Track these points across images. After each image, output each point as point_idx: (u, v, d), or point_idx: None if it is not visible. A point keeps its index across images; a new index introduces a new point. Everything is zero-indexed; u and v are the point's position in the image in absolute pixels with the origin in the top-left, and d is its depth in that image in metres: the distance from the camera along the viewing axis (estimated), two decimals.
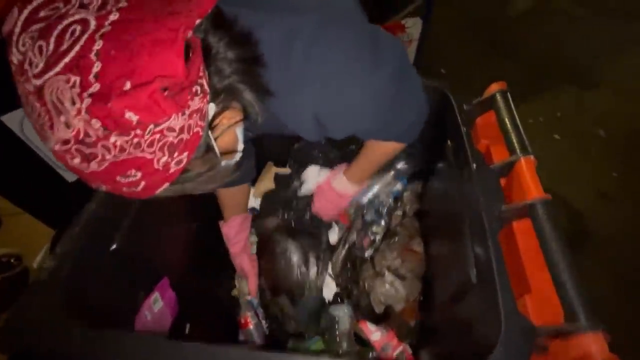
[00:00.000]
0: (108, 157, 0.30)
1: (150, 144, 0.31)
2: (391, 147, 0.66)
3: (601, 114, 1.90)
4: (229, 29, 0.39)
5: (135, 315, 0.61)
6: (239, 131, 0.45)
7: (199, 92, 0.33)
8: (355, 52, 0.46)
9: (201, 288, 0.84)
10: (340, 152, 0.91)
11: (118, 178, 0.32)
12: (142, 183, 0.33)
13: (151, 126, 0.30)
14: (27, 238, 1.38)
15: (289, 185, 0.91)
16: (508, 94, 0.63)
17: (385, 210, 0.83)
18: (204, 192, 0.43)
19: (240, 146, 0.46)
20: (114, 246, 0.56)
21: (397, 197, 0.88)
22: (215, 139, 0.39)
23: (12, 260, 1.39)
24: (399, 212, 0.86)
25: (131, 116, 0.29)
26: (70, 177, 1.10)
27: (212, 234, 0.84)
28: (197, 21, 0.33)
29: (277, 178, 0.95)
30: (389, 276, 0.74)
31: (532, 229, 0.48)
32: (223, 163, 0.42)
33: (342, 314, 0.74)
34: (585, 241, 1.48)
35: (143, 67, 0.29)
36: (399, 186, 0.88)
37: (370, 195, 0.86)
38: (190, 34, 0.32)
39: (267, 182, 0.97)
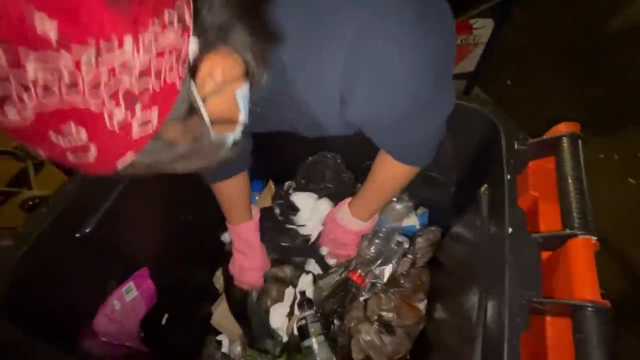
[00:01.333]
0: (29, 101, 0.21)
1: (94, 86, 0.22)
2: (402, 171, 0.57)
3: None
4: None
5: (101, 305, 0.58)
6: (239, 95, 0.34)
7: (174, 21, 0.24)
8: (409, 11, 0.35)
9: (182, 279, 0.80)
10: (355, 173, 0.80)
11: (53, 137, 0.23)
12: (93, 149, 0.24)
13: (90, 52, 0.21)
14: None
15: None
16: (579, 141, 0.48)
17: (396, 256, 0.72)
18: (186, 172, 0.34)
19: (242, 116, 0.35)
20: (86, 231, 0.53)
21: (411, 237, 0.76)
22: (204, 100, 0.29)
23: None
24: (408, 259, 0.74)
25: (45, 23, 0.19)
26: None
27: (199, 224, 0.79)
28: None
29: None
30: (377, 326, 0.64)
31: (571, 335, 0.35)
32: (213, 135, 0.32)
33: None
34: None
35: None
36: (416, 222, 0.76)
37: (386, 227, 0.75)
38: None
39: (266, 203, 0.89)
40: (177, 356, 0.77)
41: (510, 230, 0.41)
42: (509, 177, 0.46)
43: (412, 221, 0.80)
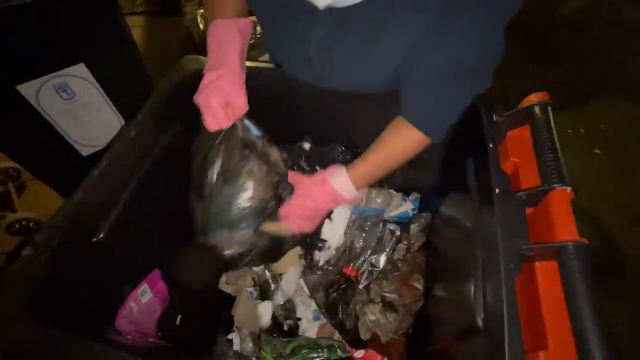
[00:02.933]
0: None
1: None
2: (412, 142, 0.57)
3: None
4: None
5: (120, 307, 0.60)
6: None
7: None
8: None
9: (192, 281, 0.82)
10: None
11: None
12: None
13: None
14: (48, 203, 1.43)
15: None
16: (549, 107, 0.54)
17: (390, 244, 0.76)
18: None
19: None
20: (100, 237, 0.54)
21: (406, 223, 0.80)
22: None
23: (31, 225, 1.45)
24: (403, 245, 0.78)
25: None
26: (84, 151, 1.11)
27: None
28: None
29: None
30: (381, 306, 0.68)
31: (559, 275, 0.41)
32: None
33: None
34: (614, 269, 1.35)
35: None
36: (409, 207, 0.80)
37: (370, 218, 0.78)
38: None
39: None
40: (193, 354, 0.79)
41: (497, 191, 0.46)
42: (490, 145, 0.52)
43: (407, 207, 0.83)
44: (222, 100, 0.57)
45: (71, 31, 0.88)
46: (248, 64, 0.67)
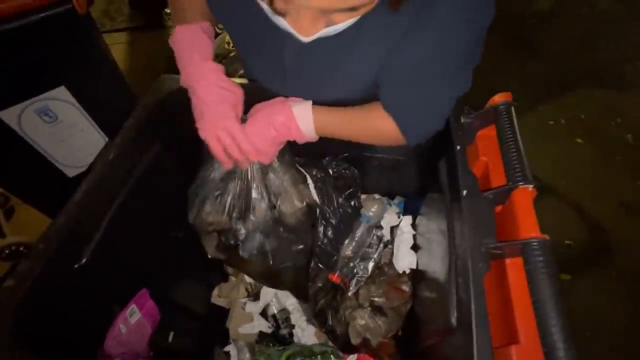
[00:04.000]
0: None
1: None
2: (387, 130, 0.55)
3: (630, 119, 1.75)
4: None
5: (108, 329, 0.60)
6: None
7: None
8: None
9: (183, 297, 0.83)
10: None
11: None
12: None
13: None
14: (38, 226, 1.43)
15: None
16: (512, 108, 0.56)
17: (377, 251, 0.77)
18: None
19: None
20: (83, 261, 0.55)
21: (391, 228, 0.82)
22: None
23: (21, 249, 1.44)
24: (389, 249, 0.80)
25: None
26: (71, 172, 1.11)
27: (189, 240, 0.81)
28: None
29: None
30: (370, 310, 0.70)
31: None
32: None
33: None
34: (604, 254, 1.38)
35: None
36: (394, 212, 0.82)
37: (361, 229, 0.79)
38: None
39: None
40: None
41: (464, 192, 0.48)
42: (458, 147, 0.53)
43: (392, 211, 0.84)
44: (238, 120, 0.56)
45: (49, 55, 0.89)
46: None
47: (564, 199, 1.49)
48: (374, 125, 0.57)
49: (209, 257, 0.76)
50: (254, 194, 0.66)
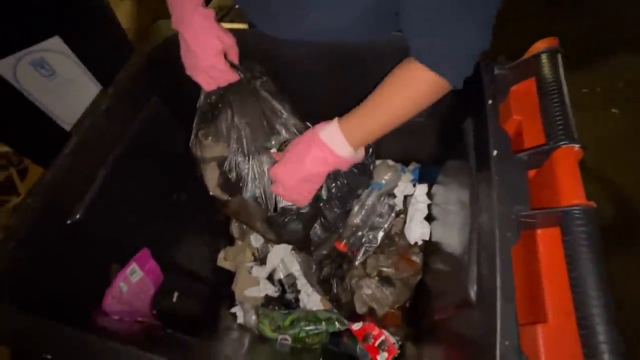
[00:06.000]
0: None
1: None
2: (424, 86, 0.45)
3: None
4: None
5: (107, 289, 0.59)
6: None
7: None
8: None
9: (188, 259, 0.81)
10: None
11: None
12: None
13: None
14: None
15: None
16: (559, 55, 0.47)
17: (388, 220, 0.71)
18: None
19: None
20: (76, 218, 0.52)
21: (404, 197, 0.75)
22: None
23: None
24: (401, 219, 0.74)
25: None
26: (69, 127, 1.08)
27: (194, 204, 0.78)
28: None
29: None
30: (377, 280, 0.66)
31: (561, 244, 0.37)
32: None
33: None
34: (636, 233, 1.29)
35: None
36: (408, 179, 0.75)
37: (372, 196, 0.73)
38: None
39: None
40: (191, 330, 0.80)
41: (495, 152, 0.41)
42: (490, 101, 0.46)
43: (406, 178, 0.78)
44: (220, 53, 0.55)
45: (42, 3, 0.82)
46: (223, 25, 0.62)
47: (594, 173, 1.38)
48: (413, 92, 0.46)
49: (210, 194, 0.71)
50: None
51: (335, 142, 0.50)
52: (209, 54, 0.54)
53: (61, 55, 0.90)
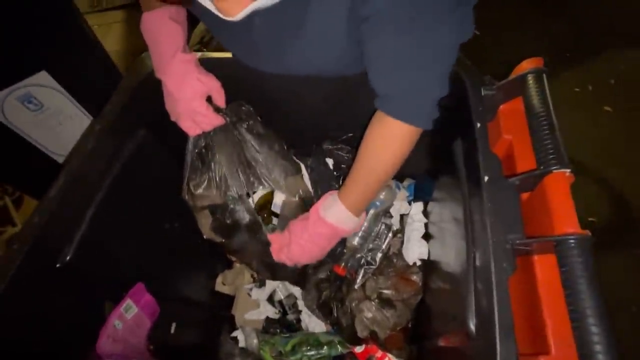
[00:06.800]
0: None
1: None
2: (400, 138, 0.48)
3: None
4: None
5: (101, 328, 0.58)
6: None
7: None
8: None
9: (184, 287, 0.80)
10: None
11: None
12: None
13: None
14: None
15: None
16: (544, 75, 0.47)
17: (386, 240, 0.71)
18: None
19: None
20: (66, 260, 0.51)
21: (401, 216, 0.75)
22: None
23: None
24: (398, 238, 0.73)
25: None
26: (60, 158, 1.07)
27: (186, 230, 0.77)
28: None
29: None
30: (378, 302, 0.65)
31: (558, 272, 0.36)
32: None
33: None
34: (630, 232, 1.29)
35: None
36: (404, 196, 0.74)
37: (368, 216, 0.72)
38: None
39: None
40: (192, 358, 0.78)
41: (486, 178, 0.41)
42: (478, 124, 0.46)
43: (402, 195, 0.77)
44: (202, 97, 0.56)
45: (26, 39, 0.82)
46: (208, 54, 0.62)
47: (588, 172, 1.38)
48: (392, 149, 0.49)
49: (205, 237, 0.71)
50: (241, 177, 0.61)
51: (342, 219, 0.54)
52: (189, 98, 0.55)
53: (48, 88, 0.90)
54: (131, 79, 0.63)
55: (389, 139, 0.49)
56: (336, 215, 0.54)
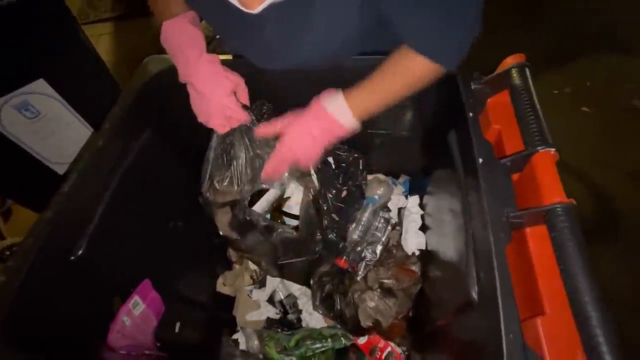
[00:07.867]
0: None
1: None
2: (423, 68, 0.48)
3: (638, 84, 1.69)
4: None
5: (111, 322, 0.58)
6: None
7: None
8: None
9: (187, 287, 0.80)
10: None
11: None
12: None
13: None
14: None
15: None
16: (527, 69, 0.52)
17: (385, 234, 0.74)
18: None
19: None
20: (78, 254, 0.52)
21: (399, 210, 0.78)
22: None
23: None
24: (397, 231, 0.76)
25: None
26: (61, 170, 1.07)
27: (190, 229, 0.79)
28: None
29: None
30: (380, 292, 0.67)
31: (549, 238, 0.40)
32: None
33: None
34: (613, 227, 1.35)
35: None
36: (399, 191, 0.78)
37: (367, 213, 0.75)
38: None
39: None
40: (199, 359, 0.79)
41: (480, 160, 0.45)
42: (471, 114, 0.50)
43: (398, 191, 0.81)
44: (232, 95, 0.57)
45: (24, 47, 0.83)
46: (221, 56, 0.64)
47: (570, 169, 1.45)
48: (410, 71, 0.50)
49: (220, 234, 0.72)
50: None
51: (341, 114, 0.53)
52: (221, 94, 0.56)
53: (46, 96, 0.90)
54: (137, 81, 0.66)
55: (410, 72, 0.50)
56: (337, 108, 0.53)
